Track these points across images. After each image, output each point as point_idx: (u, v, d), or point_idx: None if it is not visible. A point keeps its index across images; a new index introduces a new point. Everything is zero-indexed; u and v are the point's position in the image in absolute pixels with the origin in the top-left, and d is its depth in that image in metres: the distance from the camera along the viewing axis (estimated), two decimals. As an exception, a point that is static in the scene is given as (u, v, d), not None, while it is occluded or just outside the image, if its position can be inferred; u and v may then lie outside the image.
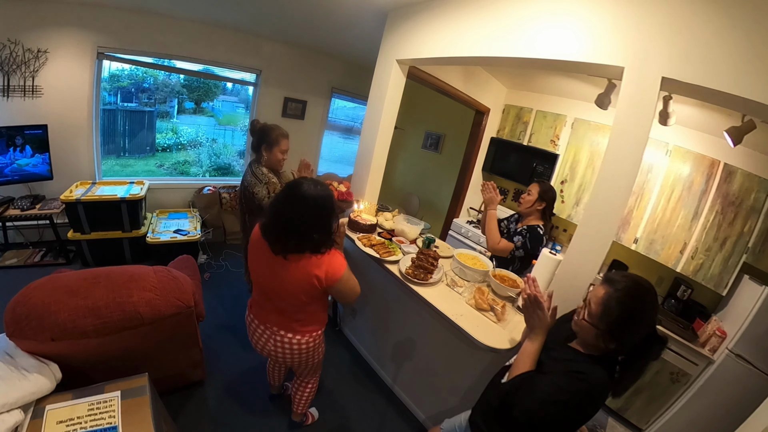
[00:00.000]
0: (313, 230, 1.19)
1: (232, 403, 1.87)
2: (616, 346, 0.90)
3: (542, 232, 1.98)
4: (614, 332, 0.88)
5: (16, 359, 1.14)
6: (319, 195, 1.18)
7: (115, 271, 1.41)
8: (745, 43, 1.06)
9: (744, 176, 2.21)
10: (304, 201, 1.16)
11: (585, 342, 0.98)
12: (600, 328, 0.90)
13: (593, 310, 0.92)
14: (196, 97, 5.08)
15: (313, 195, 1.17)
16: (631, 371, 0.93)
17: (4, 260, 2.65)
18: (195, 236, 2.96)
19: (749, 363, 2.00)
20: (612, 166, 1.32)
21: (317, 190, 1.19)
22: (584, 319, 0.94)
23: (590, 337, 0.94)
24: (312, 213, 1.18)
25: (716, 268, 2.28)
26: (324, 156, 4.65)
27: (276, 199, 1.25)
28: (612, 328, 0.88)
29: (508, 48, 1.64)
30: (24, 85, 2.57)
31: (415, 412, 2.00)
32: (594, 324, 0.91)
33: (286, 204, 1.19)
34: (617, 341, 0.89)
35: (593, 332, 0.92)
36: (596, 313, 0.91)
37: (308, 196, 1.17)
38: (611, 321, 0.88)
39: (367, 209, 2.38)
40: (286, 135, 2.03)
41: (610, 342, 0.90)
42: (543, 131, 3.23)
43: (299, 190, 1.18)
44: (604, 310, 0.90)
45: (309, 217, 1.17)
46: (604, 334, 0.90)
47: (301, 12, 2.58)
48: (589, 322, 0.92)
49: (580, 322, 0.96)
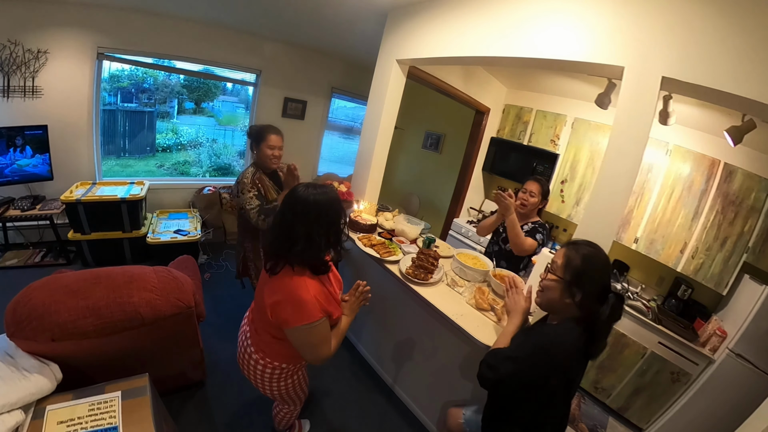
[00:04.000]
0: (318, 233, 1.06)
1: (232, 403, 1.87)
2: (582, 295, 0.98)
3: (549, 227, 1.98)
4: (578, 280, 0.99)
5: (16, 360, 1.14)
6: (318, 197, 1.06)
7: (116, 271, 1.41)
8: (745, 42, 1.07)
9: (744, 176, 2.21)
10: (305, 204, 1.05)
11: (551, 307, 1.09)
12: (566, 279, 1.01)
13: (557, 264, 1.05)
14: (196, 97, 5.08)
15: (312, 198, 1.05)
16: (597, 330, 0.99)
17: (4, 261, 2.65)
18: (195, 236, 2.96)
19: (750, 362, 2.00)
20: (612, 165, 1.32)
21: (316, 192, 1.06)
22: (548, 277, 1.06)
23: (555, 295, 1.03)
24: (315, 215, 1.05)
25: (716, 267, 2.28)
26: (324, 156, 4.65)
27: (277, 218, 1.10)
28: (576, 277, 1.00)
29: (508, 48, 1.64)
30: (24, 86, 2.57)
31: (415, 412, 2.00)
32: (559, 275, 1.03)
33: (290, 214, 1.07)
34: (581, 289, 0.98)
35: (558, 287, 1.02)
36: (560, 265, 1.04)
37: (310, 200, 1.05)
38: (574, 268, 1.00)
39: (367, 209, 2.38)
40: (275, 131, 1.96)
41: (576, 292, 0.99)
42: (543, 131, 3.23)
43: (295, 196, 1.06)
44: (566, 261, 1.03)
45: (313, 219, 1.05)
46: (569, 285, 1.00)
47: (302, 12, 2.59)
48: (556, 276, 1.03)
49: (546, 282, 1.06)
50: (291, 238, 1.04)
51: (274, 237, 1.08)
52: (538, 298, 1.10)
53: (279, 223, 1.08)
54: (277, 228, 1.08)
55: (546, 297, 1.07)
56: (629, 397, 2.40)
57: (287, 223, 1.05)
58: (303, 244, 1.04)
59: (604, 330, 0.98)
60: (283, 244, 1.06)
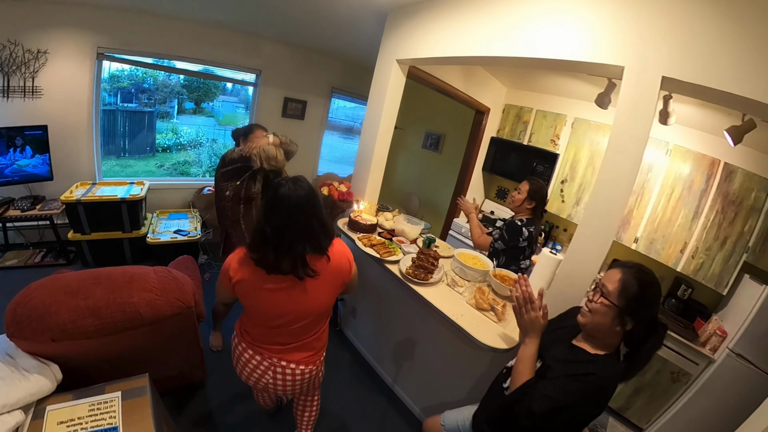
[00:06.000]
0: (320, 225, 1.08)
1: (232, 403, 1.87)
2: (633, 325, 0.92)
3: (521, 224, 1.99)
4: (632, 309, 0.91)
5: (16, 360, 1.14)
6: (303, 192, 1.06)
7: (116, 271, 1.41)
8: (746, 42, 1.06)
9: (744, 175, 2.21)
10: (298, 202, 1.03)
11: (596, 331, 0.98)
12: (619, 306, 0.92)
13: (610, 290, 0.94)
14: (196, 97, 5.08)
15: (299, 194, 1.04)
16: (638, 360, 0.94)
17: (4, 261, 2.65)
18: (195, 236, 2.96)
19: (750, 362, 2.00)
20: (612, 165, 1.32)
21: (298, 187, 1.05)
22: (600, 301, 0.95)
23: (605, 321, 0.94)
24: (311, 209, 1.06)
25: (716, 267, 2.28)
26: (324, 156, 4.65)
27: (266, 221, 1.05)
28: (630, 305, 0.91)
29: (508, 47, 1.64)
30: (24, 86, 2.57)
31: (416, 412, 2.00)
32: (612, 302, 0.93)
33: (284, 215, 1.03)
34: (635, 318, 0.91)
35: (611, 313, 0.93)
36: (614, 291, 0.93)
37: (300, 196, 1.04)
38: (630, 296, 0.91)
39: (367, 209, 2.38)
40: (262, 128, 2.11)
41: (628, 321, 0.92)
42: (543, 131, 3.23)
43: (283, 194, 1.03)
44: (622, 286, 0.92)
45: (311, 214, 1.05)
46: (622, 314, 0.91)
47: (301, 12, 2.58)
48: (608, 301, 0.93)
49: (595, 305, 0.96)
50: (308, 234, 1.05)
51: (295, 240, 1.04)
52: (583, 318, 1.00)
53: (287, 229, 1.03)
54: (289, 233, 1.03)
55: (594, 322, 0.96)
56: (629, 396, 2.40)
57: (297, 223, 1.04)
58: (313, 243, 1.07)
59: (646, 359, 0.93)
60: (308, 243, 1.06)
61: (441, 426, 1.31)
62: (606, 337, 0.96)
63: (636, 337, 0.93)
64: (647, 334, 0.92)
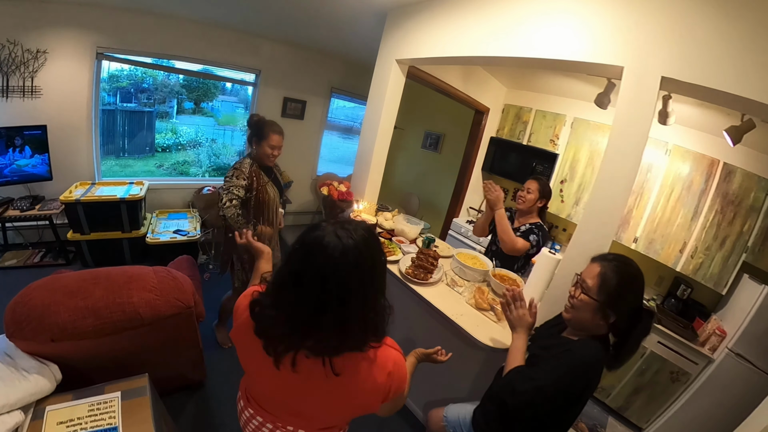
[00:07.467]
0: (366, 306, 0.69)
1: (232, 403, 1.86)
2: (615, 317, 0.93)
3: (547, 229, 1.97)
4: (613, 302, 0.93)
5: (16, 360, 1.14)
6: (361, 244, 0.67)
7: (115, 271, 1.41)
8: (745, 42, 1.07)
9: (743, 175, 2.22)
10: (345, 260, 0.65)
11: (580, 325, 1.01)
12: (599, 300, 0.94)
13: (591, 284, 0.96)
14: (196, 97, 5.08)
15: (352, 247, 0.65)
16: (626, 348, 0.96)
17: (3, 261, 2.65)
18: (195, 236, 2.96)
19: (749, 362, 2.00)
20: (612, 165, 1.32)
21: (356, 237, 0.67)
22: (581, 297, 0.98)
23: (587, 315, 0.96)
24: (362, 276, 0.67)
25: (716, 267, 2.28)
26: (324, 156, 4.65)
27: (289, 271, 0.69)
28: (611, 298, 0.93)
29: (508, 47, 1.64)
30: (23, 86, 2.57)
31: (415, 412, 2.00)
32: (593, 297, 0.95)
33: (317, 275, 0.65)
34: (616, 311, 0.93)
35: (592, 307, 0.95)
36: (594, 286, 0.95)
37: (348, 250, 0.65)
38: (610, 289, 0.93)
39: (366, 209, 2.38)
40: (278, 132, 1.92)
41: (610, 314, 0.93)
42: (542, 131, 3.23)
43: (324, 245, 0.65)
44: (602, 281, 0.94)
45: (359, 285, 0.67)
46: (602, 307, 0.93)
47: (301, 12, 2.58)
48: (589, 297, 0.95)
49: (577, 300, 0.99)
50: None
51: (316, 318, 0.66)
52: (567, 314, 1.03)
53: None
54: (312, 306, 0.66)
55: (577, 317, 1.00)
56: (629, 396, 2.40)
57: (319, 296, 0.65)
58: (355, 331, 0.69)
59: (633, 347, 0.94)
60: None
61: (444, 417, 1.34)
62: (592, 329, 0.99)
63: (621, 327, 0.95)
64: (633, 324, 0.94)
